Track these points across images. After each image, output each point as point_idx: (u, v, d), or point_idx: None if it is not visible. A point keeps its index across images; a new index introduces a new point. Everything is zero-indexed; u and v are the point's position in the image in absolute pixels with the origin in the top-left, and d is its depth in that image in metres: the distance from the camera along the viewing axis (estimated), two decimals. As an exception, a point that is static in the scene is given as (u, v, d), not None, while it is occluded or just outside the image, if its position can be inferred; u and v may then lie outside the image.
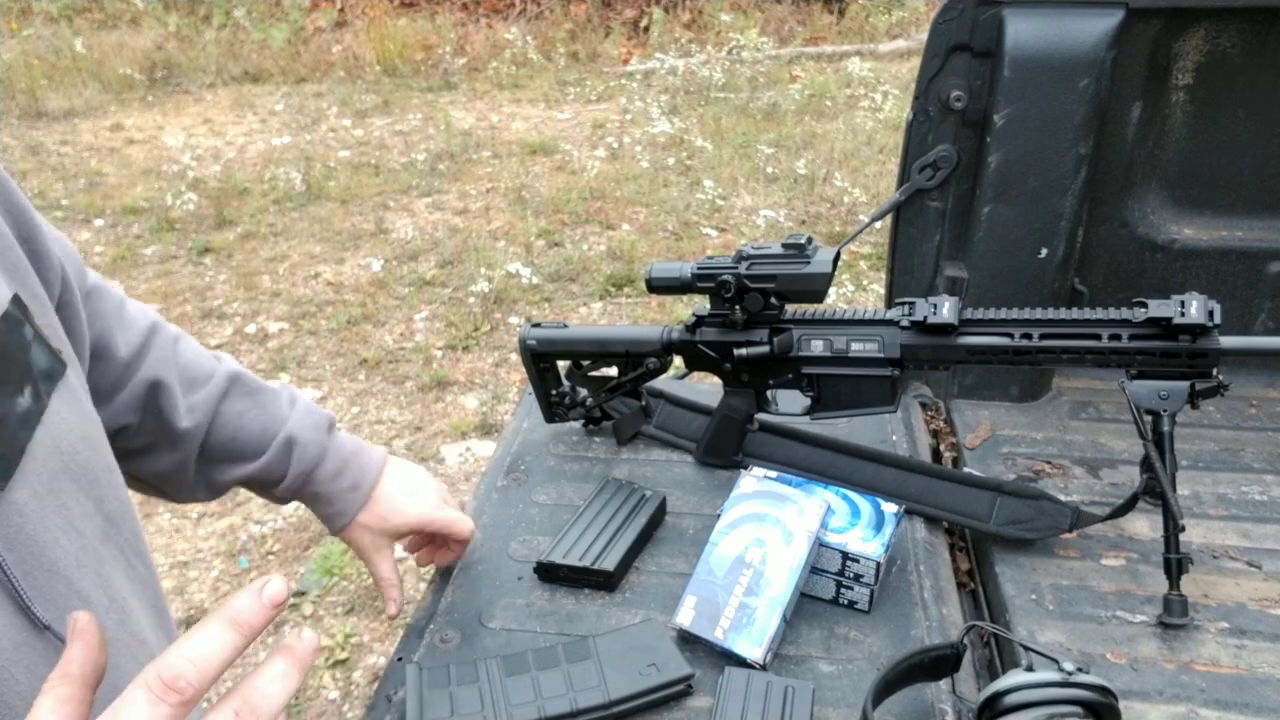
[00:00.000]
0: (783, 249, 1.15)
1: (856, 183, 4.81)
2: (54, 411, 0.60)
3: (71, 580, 0.58)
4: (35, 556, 0.56)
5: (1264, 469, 1.38)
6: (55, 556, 0.57)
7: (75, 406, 0.63)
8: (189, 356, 0.94)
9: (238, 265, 4.41)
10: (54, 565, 0.57)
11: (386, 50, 7.22)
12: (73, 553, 0.59)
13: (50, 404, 0.60)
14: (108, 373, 0.85)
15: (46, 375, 0.60)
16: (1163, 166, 1.53)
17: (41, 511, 0.57)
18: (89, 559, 0.60)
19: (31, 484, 0.56)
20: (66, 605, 0.57)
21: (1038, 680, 0.85)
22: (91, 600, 0.59)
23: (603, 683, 0.95)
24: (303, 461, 0.97)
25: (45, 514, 0.57)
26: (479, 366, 3.59)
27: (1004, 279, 1.48)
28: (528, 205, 4.84)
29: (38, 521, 0.56)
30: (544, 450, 1.39)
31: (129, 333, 0.88)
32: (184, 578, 2.63)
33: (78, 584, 0.58)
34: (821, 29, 7.38)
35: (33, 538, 0.56)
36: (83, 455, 0.62)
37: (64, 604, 0.57)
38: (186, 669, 0.42)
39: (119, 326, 0.87)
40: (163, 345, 0.91)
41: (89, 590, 0.59)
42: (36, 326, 0.61)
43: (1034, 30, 1.34)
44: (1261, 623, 1.09)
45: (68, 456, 0.60)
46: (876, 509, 1.11)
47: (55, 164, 5.66)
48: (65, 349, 0.65)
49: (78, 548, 0.59)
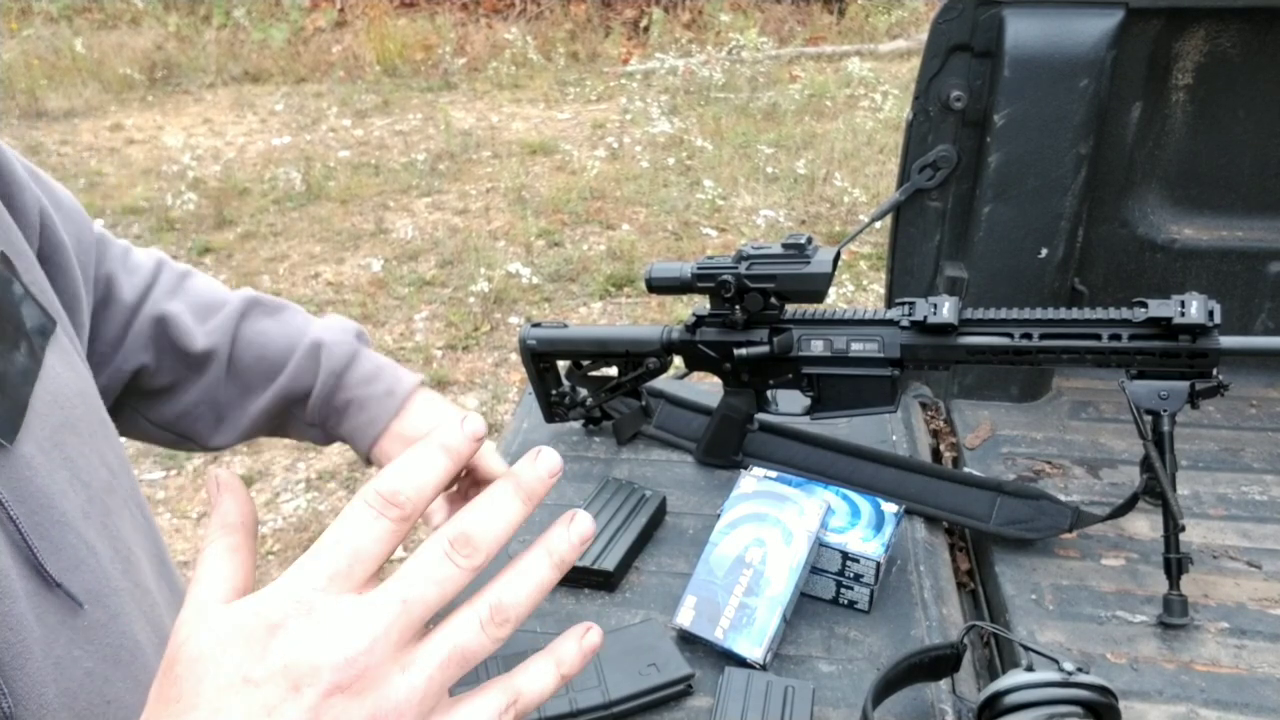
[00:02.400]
0: (783, 249, 1.15)
1: (856, 183, 4.81)
2: (49, 367, 0.60)
3: (80, 531, 0.58)
4: (45, 509, 0.56)
5: (1264, 469, 1.38)
6: (64, 508, 0.57)
7: (68, 361, 0.64)
8: (199, 288, 0.91)
9: (238, 265, 4.41)
10: (62, 517, 0.57)
11: (386, 50, 7.22)
12: (79, 504, 0.59)
13: (45, 359, 0.60)
14: (115, 317, 0.84)
15: (39, 331, 0.61)
16: (1163, 166, 1.53)
17: (49, 465, 0.57)
18: (95, 510, 0.61)
19: (36, 437, 0.57)
20: (75, 556, 0.57)
21: (1038, 680, 0.85)
22: (98, 550, 0.60)
23: (602, 683, 0.95)
24: (332, 360, 0.90)
25: (52, 467, 0.57)
26: (479, 366, 3.59)
27: (1004, 279, 1.48)
28: (528, 205, 4.84)
29: (45, 475, 0.57)
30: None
31: (134, 276, 0.87)
32: (184, 578, 2.62)
33: (85, 534, 0.59)
34: (821, 29, 7.38)
35: (42, 490, 0.56)
36: (79, 409, 0.63)
37: (72, 555, 0.57)
38: (403, 485, 0.40)
39: (123, 271, 0.86)
40: (168, 280, 0.90)
41: (95, 541, 0.60)
42: (24, 283, 0.61)
43: (1034, 30, 1.34)
44: (1261, 623, 1.09)
45: (66, 410, 0.61)
46: (876, 509, 1.11)
47: (55, 164, 5.66)
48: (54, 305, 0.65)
49: (84, 499, 0.60)
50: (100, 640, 0.57)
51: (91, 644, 0.57)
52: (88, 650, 0.56)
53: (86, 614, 0.57)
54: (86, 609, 0.57)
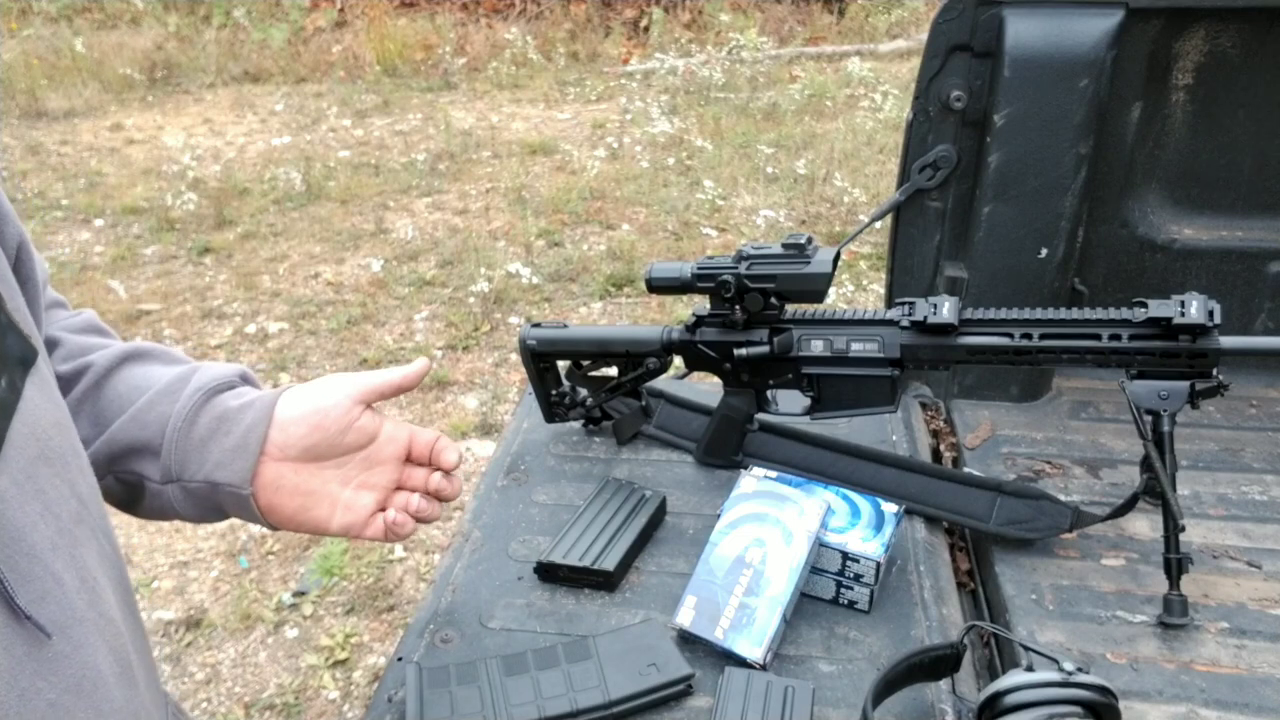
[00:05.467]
0: (783, 249, 1.15)
1: (856, 183, 4.81)
2: (28, 399, 0.60)
3: (48, 563, 0.58)
4: (16, 541, 0.56)
5: (1264, 469, 1.38)
6: (34, 540, 0.58)
7: (47, 393, 0.63)
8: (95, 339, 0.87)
9: (238, 265, 4.41)
10: (32, 549, 0.57)
11: (386, 50, 7.22)
12: (48, 535, 0.59)
13: (25, 390, 0.60)
14: None
15: (20, 361, 0.60)
16: (1163, 166, 1.53)
17: (21, 497, 0.57)
18: (63, 541, 0.61)
19: (11, 471, 0.57)
20: (42, 588, 0.57)
21: (1038, 680, 0.85)
22: (64, 581, 0.60)
23: (603, 683, 0.95)
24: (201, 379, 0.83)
25: (24, 499, 0.58)
26: (479, 366, 3.59)
27: (1004, 279, 1.48)
28: (528, 205, 4.84)
29: (17, 507, 0.57)
30: (544, 450, 1.39)
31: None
32: (184, 577, 2.63)
33: (52, 566, 0.59)
34: (821, 29, 7.38)
35: (13, 523, 0.56)
36: (56, 441, 0.62)
37: (40, 586, 0.57)
38: None
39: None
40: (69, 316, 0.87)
41: (62, 572, 0.60)
42: (8, 311, 0.60)
43: (1034, 30, 1.34)
44: (1261, 623, 1.09)
45: (43, 442, 0.61)
46: (876, 509, 1.11)
47: (55, 164, 5.66)
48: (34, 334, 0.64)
49: (53, 530, 0.60)
50: (64, 671, 0.57)
51: (56, 674, 0.57)
52: (51, 681, 0.56)
53: (52, 645, 0.57)
54: (53, 640, 0.57)
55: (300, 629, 2.44)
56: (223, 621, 2.47)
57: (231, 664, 2.35)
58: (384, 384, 0.90)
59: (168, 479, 0.82)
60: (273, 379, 3.51)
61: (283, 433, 0.85)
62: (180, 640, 2.42)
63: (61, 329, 0.85)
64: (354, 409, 0.88)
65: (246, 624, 2.46)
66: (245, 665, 2.35)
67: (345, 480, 0.90)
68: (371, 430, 0.90)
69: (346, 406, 0.88)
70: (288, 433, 0.85)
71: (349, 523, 0.90)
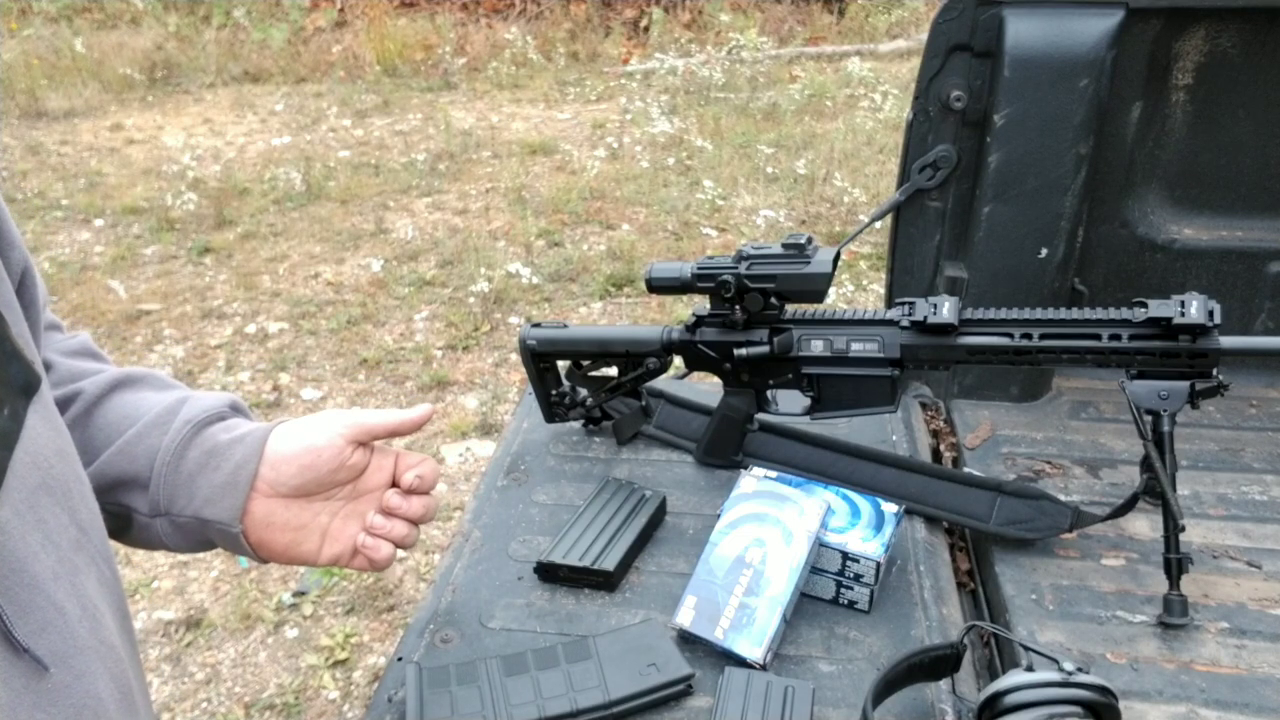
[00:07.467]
0: (783, 249, 1.15)
1: (856, 183, 4.81)
2: (30, 427, 0.59)
3: (48, 593, 0.58)
4: (16, 573, 0.56)
5: (1264, 469, 1.38)
6: (35, 571, 0.57)
7: (50, 420, 0.63)
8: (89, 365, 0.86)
9: (238, 265, 4.41)
10: (33, 580, 0.57)
11: (386, 50, 7.22)
12: (49, 565, 0.59)
13: (27, 419, 0.59)
14: None
15: (23, 390, 0.59)
16: (1163, 166, 1.53)
17: (22, 528, 0.57)
18: (64, 570, 0.60)
19: (13, 501, 0.56)
20: (43, 618, 0.57)
21: (1038, 680, 0.85)
22: (66, 610, 0.59)
23: (603, 683, 0.95)
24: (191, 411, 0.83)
25: (25, 530, 0.57)
26: (479, 366, 3.59)
27: (1004, 279, 1.48)
28: (528, 205, 4.84)
29: (19, 538, 0.56)
30: (544, 450, 1.39)
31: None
32: (184, 577, 2.63)
33: (54, 596, 0.58)
34: (821, 29, 7.38)
35: (14, 554, 0.56)
36: (57, 469, 0.62)
37: (40, 617, 0.57)
38: None
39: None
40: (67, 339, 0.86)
41: (63, 600, 0.59)
42: (12, 338, 0.59)
43: (1034, 30, 1.34)
44: (1261, 623, 1.09)
45: (44, 471, 0.60)
46: (876, 509, 1.11)
47: (55, 164, 5.66)
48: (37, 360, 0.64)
49: (54, 560, 0.59)
50: (64, 702, 0.57)
51: (55, 706, 0.56)
52: (51, 713, 0.56)
53: (52, 676, 0.56)
54: (52, 671, 0.56)
55: (300, 629, 2.44)
56: (223, 621, 2.47)
57: (231, 664, 2.35)
58: (379, 425, 0.89)
59: (156, 513, 0.82)
60: (272, 379, 3.51)
61: (274, 470, 0.84)
62: (180, 640, 2.42)
63: (56, 352, 0.84)
64: (346, 449, 0.88)
65: (246, 624, 2.46)
66: (245, 665, 2.35)
67: (333, 511, 0.90)
68: (362, 466, 0.90)
69: (339, 446, 0.87)
70: (279, 470, 0.84)
71: (336, 554, 0.90)
